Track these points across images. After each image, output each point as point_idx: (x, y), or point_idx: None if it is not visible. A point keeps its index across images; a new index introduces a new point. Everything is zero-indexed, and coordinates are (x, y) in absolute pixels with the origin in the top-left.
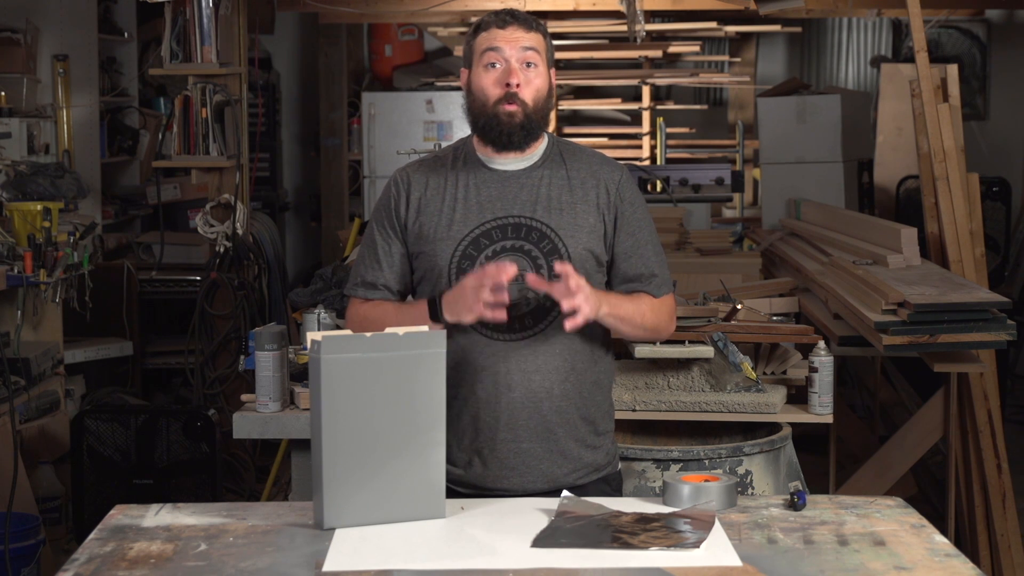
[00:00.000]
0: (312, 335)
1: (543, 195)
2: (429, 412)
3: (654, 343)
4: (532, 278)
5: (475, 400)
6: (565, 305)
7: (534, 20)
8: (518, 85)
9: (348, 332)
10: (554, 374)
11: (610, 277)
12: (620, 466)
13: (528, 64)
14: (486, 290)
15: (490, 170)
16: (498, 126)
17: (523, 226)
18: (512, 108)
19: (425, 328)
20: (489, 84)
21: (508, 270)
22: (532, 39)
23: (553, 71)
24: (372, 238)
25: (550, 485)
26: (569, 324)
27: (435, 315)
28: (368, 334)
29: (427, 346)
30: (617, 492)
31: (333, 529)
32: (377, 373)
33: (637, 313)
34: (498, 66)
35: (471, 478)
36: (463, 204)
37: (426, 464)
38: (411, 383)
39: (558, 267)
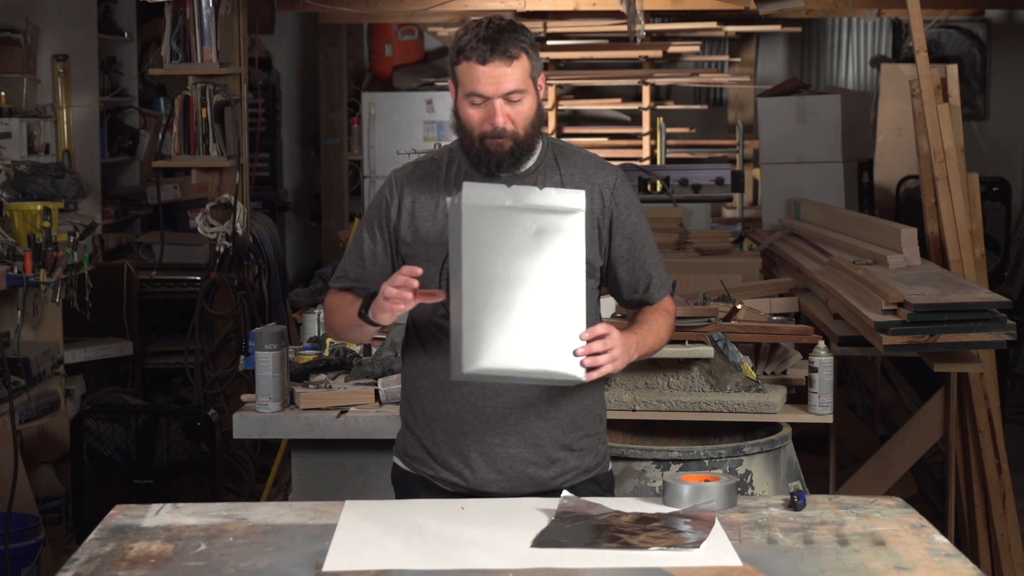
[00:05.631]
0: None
1: None
2: (566, 270)
3: None
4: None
5: (463, 403)
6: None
7: (515, 43)
8: (503, 123)
9: (490, 183)
10: None
11: (610, 283)
12: (611, 466)
13: (513, 101)
14: (400, 301)
15: (484, 175)
16: (486, 156)
17: None
18: (499, 140)
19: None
20: (475, 120)
21: (415, 271)
22: (514, 76)
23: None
24: (360, 236)
25: (537, 488)
26: (592, 375)
27: (363, 314)
28: (510, 185)
29: (566, 204)
30: (608, 492)
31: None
32: (516, 224)
33: (657, 341)
34: (482, 104)
35: (458, 480)
36: None
37: (563, 322)
38: (550, 239)
39: (586, 335)
